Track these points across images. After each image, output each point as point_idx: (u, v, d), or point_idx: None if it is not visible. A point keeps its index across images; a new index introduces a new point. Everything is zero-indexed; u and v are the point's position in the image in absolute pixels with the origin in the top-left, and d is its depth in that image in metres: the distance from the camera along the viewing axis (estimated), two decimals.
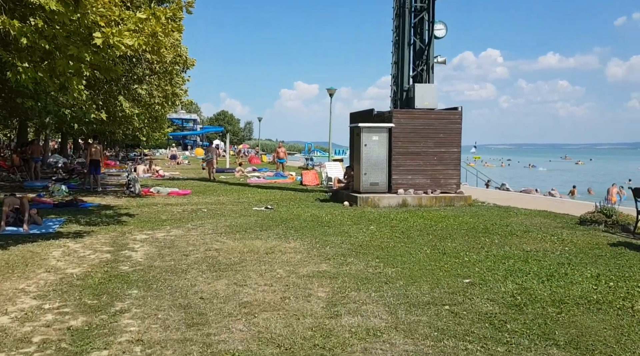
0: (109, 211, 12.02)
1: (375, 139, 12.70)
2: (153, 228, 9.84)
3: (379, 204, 12.49)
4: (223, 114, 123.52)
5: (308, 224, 10.01)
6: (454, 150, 13.18)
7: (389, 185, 12.91)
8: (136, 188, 16.60)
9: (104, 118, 11.61)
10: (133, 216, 11.37)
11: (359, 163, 12.77)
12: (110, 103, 13.94)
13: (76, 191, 16.75)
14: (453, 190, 13.18)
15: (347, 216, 11.19)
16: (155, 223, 10.31)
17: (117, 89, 13.96)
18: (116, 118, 14.92)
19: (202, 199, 15.12)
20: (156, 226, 10.05)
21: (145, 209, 12.51)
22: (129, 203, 13.82)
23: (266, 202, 14.17)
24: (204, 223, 10.45)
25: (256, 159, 46.32)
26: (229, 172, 28.87)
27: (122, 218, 11.05)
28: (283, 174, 24.95)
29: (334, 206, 12.96)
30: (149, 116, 14.95)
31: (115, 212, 11.94)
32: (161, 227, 9.93)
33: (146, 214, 11.61)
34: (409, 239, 8.34)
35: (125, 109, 13.19)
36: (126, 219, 10.89)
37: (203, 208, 12.88)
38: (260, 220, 10.70)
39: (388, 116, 13.11)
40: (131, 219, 10.80)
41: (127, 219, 10.89)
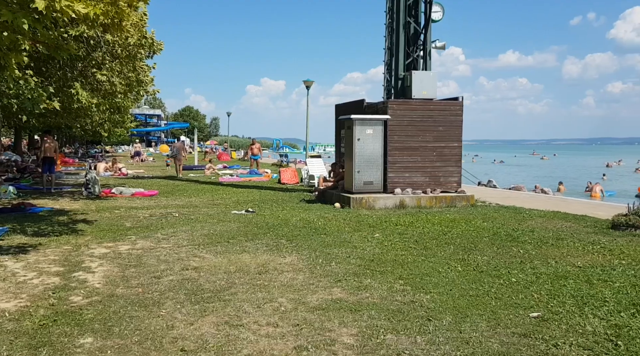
0: (62, 217, 10.27)
1: (369, 132, 11.34)
2: (115, 238, 8.21)
3: (374, 205, 11.15)
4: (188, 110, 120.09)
5: (301, 232, 8.58)
6: (455, 145, 11.96)
7: (385, 184, 11.58)
8: (95, 189, 14.78)
9: (57, 108, 9.79)
10: (91, 223, 9.68)
11: (352, 160, 11.39)
12: (64, 92, 12.10)
13: (27, 193, 14.79)
14: (454, 189, 11.96)
15: (343, 220, 9.79)
16: (118, 232, 8.68)
17: (73, 76, 12.14)
18: (72, 109, 13.05)
19: (171, 201, 13.46)
20: (119, 236, 8.42)
21: (105, 215, 10.80)
22: (87, 207, 12.05)
23: (245, 204, 12.64)
24: (177, 231, 8.88)
25: (225, 155, 44.41)
26: (198, 169, 27.08)
27: (78, 225, 9.35)
28: (258, 172, 23.38)
29: (323, 208, 11.55)
30: (109, 107, 13.10)
31: (70, 218, 10.20)
32: (125, 237, 8.31)
33: (107, 221, 9.93)
34: (428, 250, 7.01)
35: (82, 98, 11.40)
36: (83, 227, 9.19)
37: (174, 211, 11.26)
38: (243, 227, 9.20)
39: (382, 107, 11.76)
40: (89, 228, 9.12)
41: (84, 227, 9.20)
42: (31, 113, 11.08)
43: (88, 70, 12.00)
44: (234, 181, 20.52)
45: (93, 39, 11.78)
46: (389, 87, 12.61)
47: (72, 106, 12.75)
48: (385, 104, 11.63)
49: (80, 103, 11.98)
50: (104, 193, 14.94)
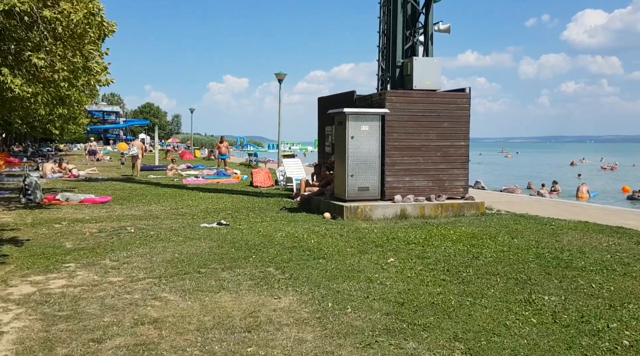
0: None
1: (364, 129, 9.60)
2: (48, 268, 6.20)
3: (372, 215, 9.43)
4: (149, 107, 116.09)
5: (292, 255, 6.76)
6: (461, 143, 10.36)
7: (382, 190, 9.87)
8: (37, 195, 12.52)
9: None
10: (21, 244, 7.59)
11: (344, 162, 9.62)
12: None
13: None
14: (460, 195, 10.37)
15: (339, 236, 8.02)
16: (53, 258, 6.65)
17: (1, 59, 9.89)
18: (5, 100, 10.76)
19: (127, 209, 11.37)
20: (54, 264, 6.40)
21: (42, 231, 8.69)
22: (21, 219, 9.86)
23: (216, 213, 10.70)
24: (131, 254, 6.91)
25: (189, 154, 41.95)
26: (159, 170, 24.80)
27: (2, 249, 7.24)
28: (226, 173, 21.34)
29: (310, 219, 9.74)
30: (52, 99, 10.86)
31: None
32: (61, 266, 6.30)
33: (42, 240, 7.84)
34: (469, 285, 5.31)
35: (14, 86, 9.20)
36: (8, 250, 7.11)
37: (129, 225, 9.23)
38: (217, 247, 7.30)
39: (378, 100, 10.04)
40: (16, 252, 7.04)
41: (9, 250, 7.11)
42: None
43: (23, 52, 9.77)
44: (200, 183, 18.46)
45: (28, 14, 9.60)
46: (384, 76, 10.90)
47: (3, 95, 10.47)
48: (382, 95, 9.91)
49: (14, 93, 9.72)
50: (47, 200, 12.69)
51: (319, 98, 12.90)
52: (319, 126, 12.85)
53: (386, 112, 9.73)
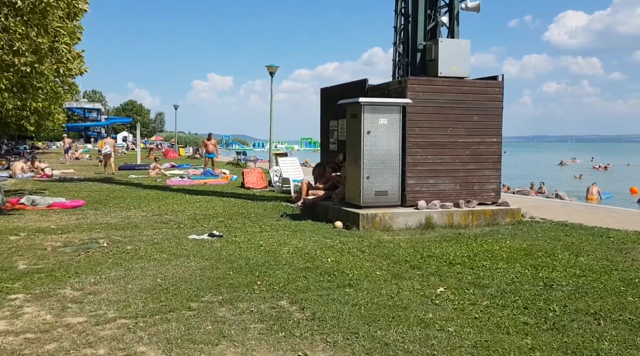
0: None
1: (383, 122, 8.14)
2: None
3: (392, 225, 7.98)
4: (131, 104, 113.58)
5: (308, 280, 5.28)
6: (493, 140, 8.95)
7: (403, 194, 8.41)
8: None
9: None
10: None
11: (358, 161, 8.15)
12: None
13: None
14: (492, 200, 8.96)
15: (360, 252, 6.55)
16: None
17: None
18: None
19: (101, 216, 9.76)
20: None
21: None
22: None
23: (206, 220, 9.16)
24: (100, 280, 5.36)
25: (173, 152, 40.17)
26: (141, 169, 23.10)
27: None
28: (214, 173, 19.73)
29: (318, 228, 8.26)
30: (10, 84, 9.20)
31: None
32: (5, 299, 4.75)
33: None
34: (566, 334, 3.88)
35: None
36: None
37: (101, 237, 7.65)
38: (211, 268, 5.78)
39: (397, 89, 8.57)
40: None
41: None
42: None
43: None
44: (186, 184, 16.84)
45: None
46: (401, 62, 9.44)
47: None
48: (403, 83, 8.44)
49: None
50: (9, 204, 11.02)
51: (322, 89, 11.42)
52: (321, 120, 11.37)
53: (408, 102, 8.27)
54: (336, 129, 10.55)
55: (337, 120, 10.51)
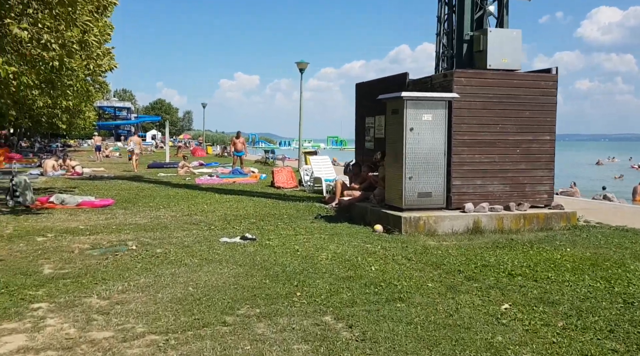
0: None
1: (427, 118, 7.58)
2: (6, 311, 4.31)
3: (437, 229, 7.41)
4: (160, 103, 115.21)
5: (352, 293, 4.79)
6: (546, 138, 8.29)
7: (448, 196, 7.83)
8: (26, 197, 10.66)
9: None
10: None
11: (400, 160, 7.61)
12: None
13: None
14: (544, 202, 8.31)
15: (406, 260, 6.02)
16: (19, 294, 4.75)
17: None
18: None
19: (130, 216, 9.46)
20: (17, 303, 4.51)
21: (20, 246, 6.79)
22: (1, 230, 7.96)
23: (237, 221, 8.76)
24: (129, 287, 4.97)
25: (201, 151, 40.20)
26: (169, 167, 22.98)
27: None
28: (242, 171, 19.40)
29: (356, 232, 7.76)
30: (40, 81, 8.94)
31: None
32: (27, 308, 4.40)
33: (15, 262, 5.94)
34: None
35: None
36: None
37: (130, 239, 7.31)
38: (245, 276, 5.34)
39: (442, 82, 7.99)
40: None
41: None
42: None
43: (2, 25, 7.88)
44: (214, 183, 16.55)
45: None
46: (445, 54, 8.84)
47: None
48: (449, 77, 7.85)
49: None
50: (39, 203, 10.85)
51: (357, 84, 10.89)
52: (356, 117, 10.85)
53: (455, 97, 7.69)
54: (373, 126, 10.02)
55: (373, 117, 9.98)
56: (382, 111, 9.24)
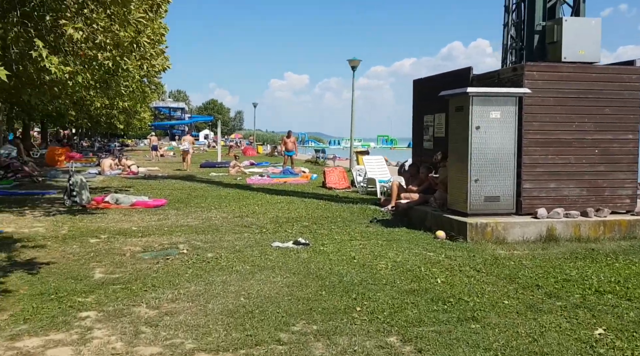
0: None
1: (495, 116, 6.97)
2: (53, 321, 4.13)
3: (506, 236, 6.80)
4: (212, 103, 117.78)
5: (418, 309, 4.33)
6: (628, 137, 7.50)
7: (518, 200, 7.19)
8: (83, 197, 10.78)
9: (2, 77, 5.52)
10: (38, 269, 5.60)
11: (464, 161, 7.05)
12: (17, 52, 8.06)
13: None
14: (626, 208, 7.51)
15: (474, 271, 5.48)
16: (68, 301, 4.59)
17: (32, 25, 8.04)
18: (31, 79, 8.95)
19: (182, 217, 9.33)
20: (65, 311, 4.33)
21: (73, 248, 6.72)
22: (55, 229, 8.00)
23: (289, 224, 8.44)
24: (179, 296, 4.71)
25: (251, 150, 40.49)
26: (221, 167, 23.07)
27: (8, 280, 5.25)
28: (293, 171, 19.16)
29: (416, 238, 7.26)
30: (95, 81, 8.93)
31: (6, 260, 6.11)
32: (75, 317, 4.21)
33: (67, 264, 5.83)
34: None
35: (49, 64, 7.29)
36: (15, 282, 5.15)
37: (181, 241, 7.12)
38: (299, 286, 4.98)
39: (511, 77, 7.35)
40: (24, 284, 5.06)
41: (16, 282, 5.15)
42: None
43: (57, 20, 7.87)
44: (265, 183, 16.37)
45: None
46: (514, 46, 8.18)
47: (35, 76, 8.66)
48: (519, 71, 7.20)
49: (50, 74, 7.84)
50: (94, 202, 10.95)
51: (415, 81, 10.34)
52: (414, 115, 10.30)
53: (526, 92, 7.04)
54: (432, 124, 9.46)
55: (433, 115, 9.42)
56: (443, 109, 8.68)
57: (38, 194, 12.60)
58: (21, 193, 12.79)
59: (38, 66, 8.04)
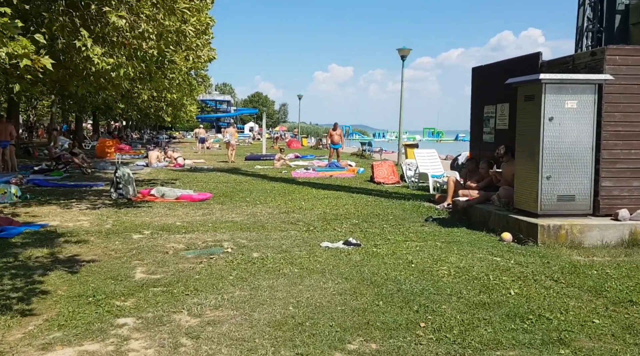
0: (39, 252, 5.99)
1: (570, 106, 6.23)
2: (89, 327, 3.84)
3: (582, 241, 6.07)
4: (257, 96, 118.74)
5: (493, 327, 3.79)
6: None
7: (595, 200, 6.43)
8: (129, 190, 10.68)
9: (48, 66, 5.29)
10: (78, 267, 5.36)
11: (534, 156, 6.34)
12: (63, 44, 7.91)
13: (42, 193, 10.93)
14: None
15: (551, 281, 4.84)
16: (106, 305, 4.29)
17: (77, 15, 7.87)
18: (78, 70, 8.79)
19: (227, 212, 9.01)
20: (102, 317, 4.03)
21: (115, 244, 6.47)
22: (99, 223, 7.83)
23: (337, 222, 7.96)
24: (222, 302, 4.33)
25: (296, 143, 40.23)
26: (266, 159, 22.86)
27: (48, 279, 5.03)
28: (339, 165, 18.68)
29: (478, 239, 6.63)
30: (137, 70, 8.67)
31: (49, 256, 5.91)
32: (112, 324, 3.90)
33: (108, 262, 5.57)
34: None
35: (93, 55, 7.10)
36: (54, 282, 4.89)
37: (226, 239, 6.77)
38: (353, 294, 4.50)
39: (589, 62, 6.56)
40: (63, 284, 4.80)
41: (55, 281, 4.89)
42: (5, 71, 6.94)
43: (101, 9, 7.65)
44: (311, 176, 15.96)
45: None
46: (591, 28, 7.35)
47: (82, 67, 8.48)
48: (598, 54, 6.40)
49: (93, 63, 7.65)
50: (141, 195, 10.84)
51: (474, 68, 9.60)
52: (472, 106, 9.58)
53: (607, 79, 6.25)
54: (493, 115, 8.73)
55: (494, 105, 8.68)
56: (507, 98, 7.96)
57: (86, 186, 12.65)
58: (70, 185, 12.87)
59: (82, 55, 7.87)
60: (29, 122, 42.67)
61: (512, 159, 7.60)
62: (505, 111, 8.23)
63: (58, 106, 25.24)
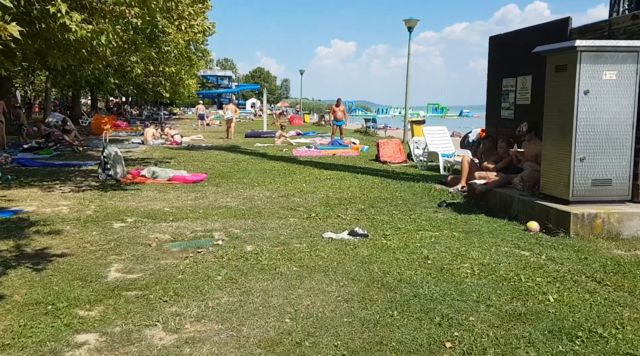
0: (2, 244, 5.30)
1: (609, 78, 5.41)
2: (40, 348, 3.10)
3: (621, 231, 5.34)
4: (259, 72, 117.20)
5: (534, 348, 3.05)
6: None
7: (635, 185, 5.66)
8: (116, 170, 9.95)
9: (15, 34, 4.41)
10: (45, 264, 4.66)
11: (566, 135, 5.56)
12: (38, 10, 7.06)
13: (27, 173, 10.22)
14: None
15: (593, 282, 4.14)
16: (66, 316, 3.60)
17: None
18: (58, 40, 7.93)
19: (221, 195, 8.29)
20: (57, 333, 3.33)
21: (92, 235, 5.76)
22: (80, 209, 7.12)
23: (341, 207, 7.24)
24: (206, 313, 3.63)
25: (298, 119, 39.30)
26: (267, 137, 22.08)
27: (9, 276, 4.32)
28: (342, 142, 17.89)
29: (500, 229, 5.90)
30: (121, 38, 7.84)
31: (15, 247, 5.22)
32: (68, 343, 3.17)
33: (80, 258, 4.87)
34: None
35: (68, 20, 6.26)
36: (12, 284, 4.21)
37: (217, 228, 6.05)
38: (361, 302, 3.81)
39: (629, 27, 5.74)
40: (22, 286, 4.12)
41: (14, 283, 4.22)
42: None
43: None
44: (313, 155, 15.21)
45: None
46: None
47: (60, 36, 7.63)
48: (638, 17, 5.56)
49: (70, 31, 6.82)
50: (130, 176, 10.13)
51: (492, 37, 8.73)
52: (489, 78, 8.76)
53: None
54: (513, 89, 7.90)
55: (514, 78, 7.86)
56: (529, 70, 7.15)
57: (75, 166, 11.95)
58: (57, 164, 12.17)
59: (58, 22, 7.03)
60: (26, 98, 41.75)
61: (535, 138, 6.82)
62: (527, 85, 7.42)
63: (52, 80, 24.35)
